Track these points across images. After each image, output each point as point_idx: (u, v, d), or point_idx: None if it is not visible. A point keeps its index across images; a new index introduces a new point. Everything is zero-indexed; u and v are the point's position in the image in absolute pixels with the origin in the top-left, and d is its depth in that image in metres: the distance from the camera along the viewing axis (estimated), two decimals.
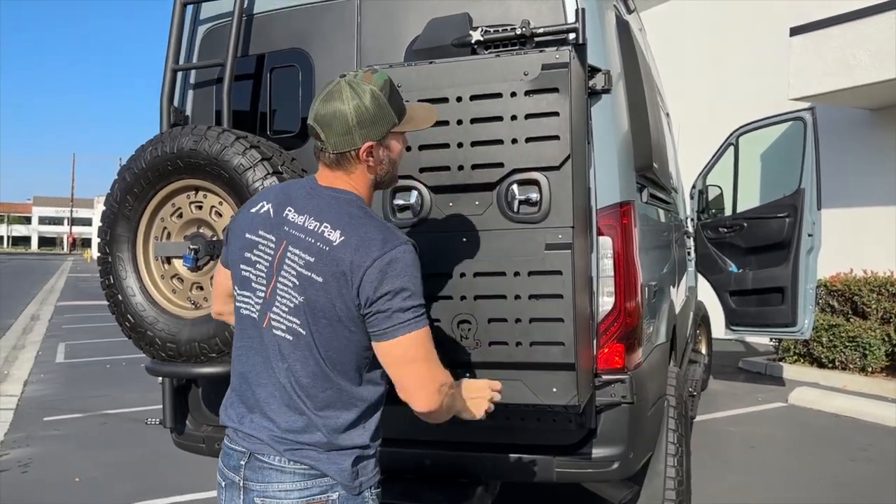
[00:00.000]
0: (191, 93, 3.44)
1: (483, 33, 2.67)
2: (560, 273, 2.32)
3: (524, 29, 2.62)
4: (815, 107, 7.13)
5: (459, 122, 2.41)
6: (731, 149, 7.08)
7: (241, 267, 1.79)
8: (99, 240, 3.08)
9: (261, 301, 1.74)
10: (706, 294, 7.26)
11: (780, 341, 8.62)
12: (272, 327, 1.72)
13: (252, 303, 1.77)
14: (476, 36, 2.67)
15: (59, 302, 19.56)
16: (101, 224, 3.07)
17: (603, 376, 2.72)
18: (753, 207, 6.93)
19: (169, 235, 3.04)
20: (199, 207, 2.98)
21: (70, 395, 7.83)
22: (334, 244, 1.66)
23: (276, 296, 1.71)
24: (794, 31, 8.89)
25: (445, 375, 1.76)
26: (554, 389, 2.36)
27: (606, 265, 2.76)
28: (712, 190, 7.14)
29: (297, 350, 1.70)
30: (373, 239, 1.65)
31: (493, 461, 2.86)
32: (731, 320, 6.93)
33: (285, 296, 1.70)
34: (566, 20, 2.73)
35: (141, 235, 3.04)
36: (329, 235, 1.67)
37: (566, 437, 2.78)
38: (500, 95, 2.37)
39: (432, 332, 1.79)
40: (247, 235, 1.78)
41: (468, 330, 2.42)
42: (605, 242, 2.76)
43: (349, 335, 1.68)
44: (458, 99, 2.41)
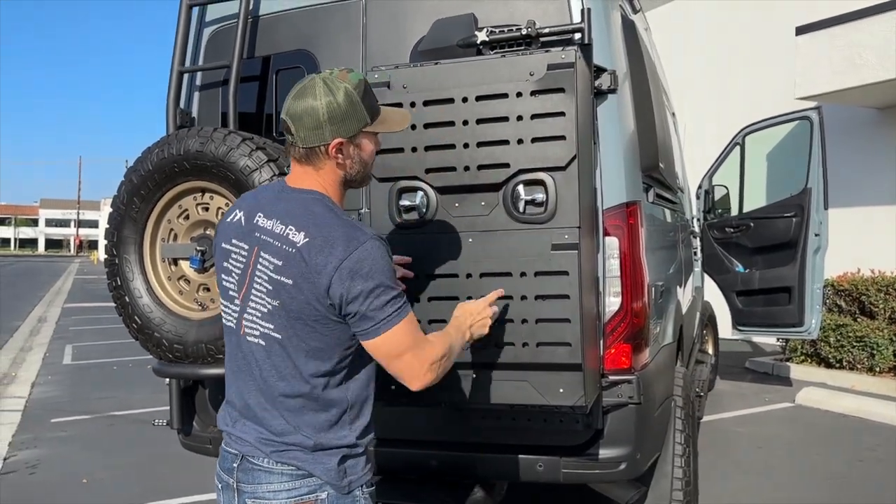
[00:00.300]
0: (197, 94, 3.45)
1: (488, 34, 2.67)
2: (566, 273, 2.31)
3: (530, 29, 2.62)
4: (822, 106, 7.08)
5: (465, 122, 2.40)
6: (738, 148, 7.06)
7: (222, 277, 1.82)
8: (106, 242, 3.09)
9: (237, 309, 1.77)
10: (713, 294, 7.23)
11: (787, 341, 8.59)
12: (247, 334, 1.75)
13: (230, 311, 1.80)
14: (481, 36, 2.67)
15: (65, 304, 19.63)
16: (107, 226, 3.08)
17: (610, 377, 2.72)
18: (760, 207, 6.91)
19: (176, 237, 3.05)
20: (206, 209, 2.98)
21: (77, 396, 7.86)
22: (298, 245, 1.66)
23: (248, 302, 1.74)
24: (801, 30, 8.85)
25: (434, 350, 1.77)
26: (561, 390, 2.35)
27: (613, 265, 2.75)
28: (718, 190, 7.12)
29: (272, 355, 1.71)
30: (336, 238, 1.66)
31: (500, 462, 2.85)
32: (738, 320, 6.91)
33: (258, 301, 1.71)
34: (572, 20, 2.73)
35: (148, 237, 3.04)
36: (293, 237, 1.68)
37: (573, 438, 2.77)
38: (505, 96, 2.36)
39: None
40: (223, 246, 1.81)
41: None
42: (612, 243, 2.75)
43: (329, 332, 1.69)
44: (464, 99, 2.40)
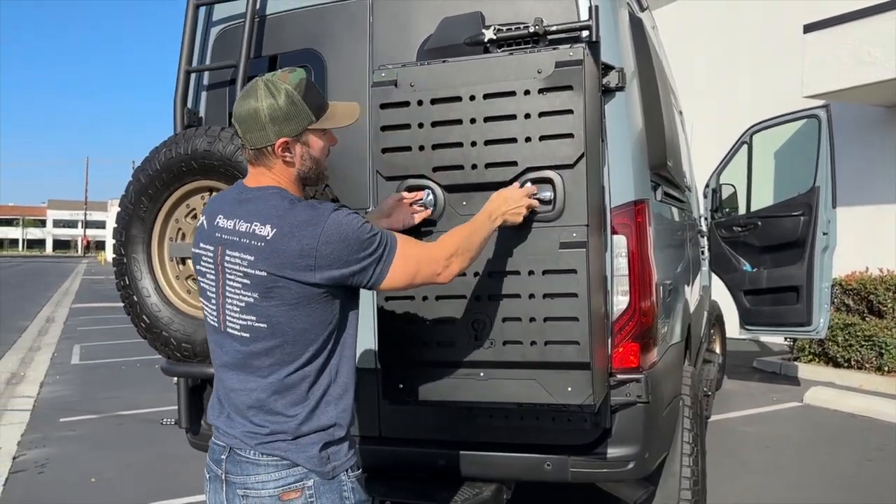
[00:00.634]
0: (204, 94, 3.45)
1: (496, 32, 2.66)
2: (575, 272, 2.31)
3: (537, 27, 2.61)
4: (830, 104, 7.04)
5: (473, 120, 2.40)
6: (745, 147, 7.04)
7: (199, 279, 1.89)
8: (114, 241, 3.09)
9: (216, 307, 1.83)
10: (720, 293, 7.21)
11: (795, 341, 8.55)
12: (228, 328, 1.80)
13: (209, 310, 1.86)
14: (489, 34, 2.67)
15: (73, 304, 19.71)
16: (116, 226, 3.09)
17: (618, 376, 2.71)
18: (767, 206, 6.89)
19: (183, 236, 3.05)
20: None
21: (85, 396, 7.89)
22: (268, 238, 1.72)
23: (226, 299, 1.79)
24: (808, 28, 8.81)
25: (444, 247, 1.92)
26: (569, 389, 2.34)
27: (621, 264, 2.74)
28: (726, 188, 7.09)
29: (254, 345, 1.77)
30: (304, 221, 1.72)
31: (508, 461, 2.85)
32: (746, 320, 6.89)
33: (235, 296, 1.77)
34: (579, 18, 2.72)
35: (156, 237, 3.06)
36: (260, 231, 1.73)
37: (581, 437, 2.76)
38: (513, 94, 2.36)
39: (445, 332, 1.82)
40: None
41: (482, 329, 2.41)
42: (620, 241, 2.74)
43: (312, 312, 1.75)
44: (472, 98, 2.40)
